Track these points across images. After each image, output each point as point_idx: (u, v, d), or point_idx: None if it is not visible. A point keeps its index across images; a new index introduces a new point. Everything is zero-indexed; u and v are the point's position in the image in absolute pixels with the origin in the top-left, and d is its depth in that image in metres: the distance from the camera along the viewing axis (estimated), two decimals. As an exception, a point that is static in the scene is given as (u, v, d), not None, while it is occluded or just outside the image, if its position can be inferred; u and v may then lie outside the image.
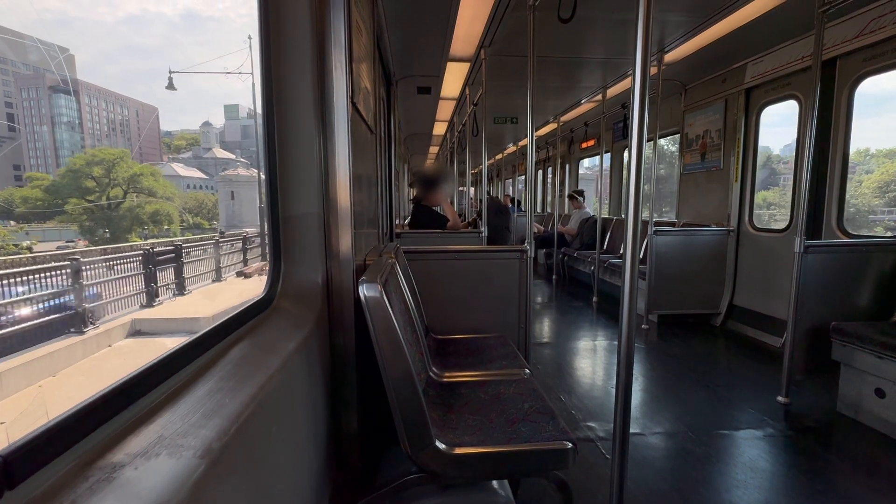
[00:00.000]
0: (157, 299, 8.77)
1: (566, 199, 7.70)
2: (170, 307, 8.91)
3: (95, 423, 0.57)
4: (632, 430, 2.29)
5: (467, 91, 4.66)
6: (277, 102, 1.27)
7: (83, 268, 6.97)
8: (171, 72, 18.57)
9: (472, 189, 7.94)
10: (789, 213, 3.70)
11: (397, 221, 4.42)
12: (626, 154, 6.28)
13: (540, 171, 10.18)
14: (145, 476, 0.51)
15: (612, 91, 4.87)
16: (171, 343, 0.92)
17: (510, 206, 8.18)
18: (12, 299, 6.20)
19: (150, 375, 0.70)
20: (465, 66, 4.11)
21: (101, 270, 7.84)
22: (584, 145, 7.55)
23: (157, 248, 9.45)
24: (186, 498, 0.52)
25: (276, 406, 0.91)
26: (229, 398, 0.74)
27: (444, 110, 6.03)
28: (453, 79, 4.51)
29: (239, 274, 13.25)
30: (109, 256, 8.72)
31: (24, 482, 0.44)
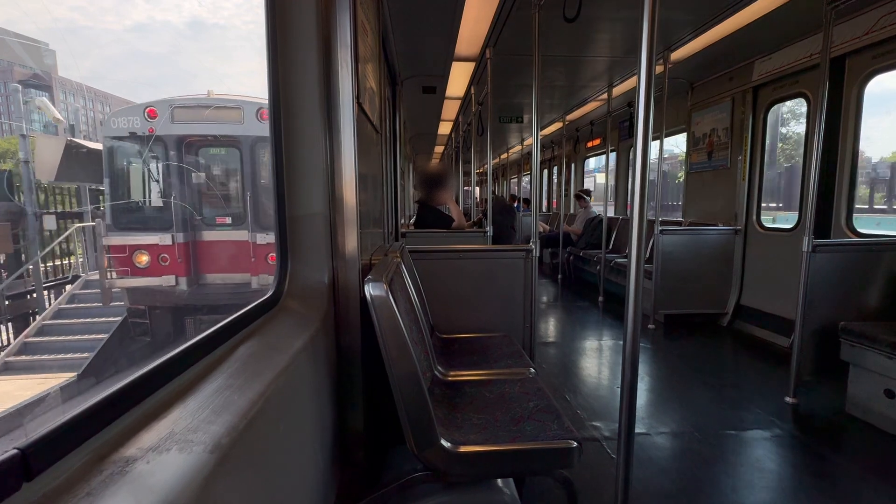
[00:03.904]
0: None
1: (572, 199, 7.68)
2: None
3: (109, 418, 0.58)
4: (637, 430, 2.28)
5: (472, 90, 4.66)
6: (284, 103, 1.28)
7: None
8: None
9: (477, 189, 7.92)
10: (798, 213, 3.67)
11: (402, 221, 4.44)
12: (631, 153, 6.24)
13: (546, 171, 10.15)
14: (157, 470, 0.53)
15: (618, 90, 4.84)
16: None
17: (515, 205, 8.16)
18: None
19: (161, 372, 0.71)
20: (471, 66, 4.11)
21: None
22: (589, 144, 7.52)
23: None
24: (197, 492, 0.53)
25: (284, 404, 0.92)
26: (238, 395, 0.75)
27: (450, 110, 6.03)
28: (458, 78, 4.51)
29: None
30: None
31: (41, 474, 0.46)
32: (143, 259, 6.46)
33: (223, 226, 6.82)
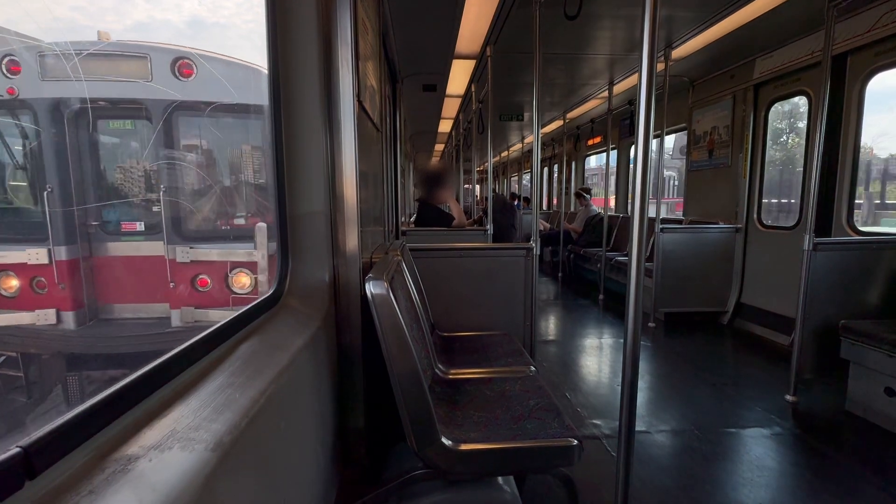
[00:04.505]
0: None
1: (572, 197, 7.67)
2: None
3: (111, 416, 0.58)
4: (638, 428, 2.29)
5: (473, 88, 4.65)
6: (284, 101, 1.28)
7: None
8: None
9: (477, 187, 7.94)
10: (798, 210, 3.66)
11: (403, 219, 4.43)
12: (632, 151, 6.24)
13: (546, 169, 10.14)
14: (159, 468, 0.53)
15: (619, 88, 4.83)
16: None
17: (515, 203, 8.14)
18: None
19: (163, 371, 0.71)
20: (471, 64, 4.11)
21: None
22: (590, 142, 7.51)
23: None
24: (199, 490, 0.53)
25: (285, 402, 0.92)
26: (239, 393, 0.75)
27: (450, 108, 6.02)
28: (459, 76, 4.50)
29: None
30: None
31: (43, 472, 0.46)
32: (11, 284, 4.17)
33: (131, 235, 4.38)
